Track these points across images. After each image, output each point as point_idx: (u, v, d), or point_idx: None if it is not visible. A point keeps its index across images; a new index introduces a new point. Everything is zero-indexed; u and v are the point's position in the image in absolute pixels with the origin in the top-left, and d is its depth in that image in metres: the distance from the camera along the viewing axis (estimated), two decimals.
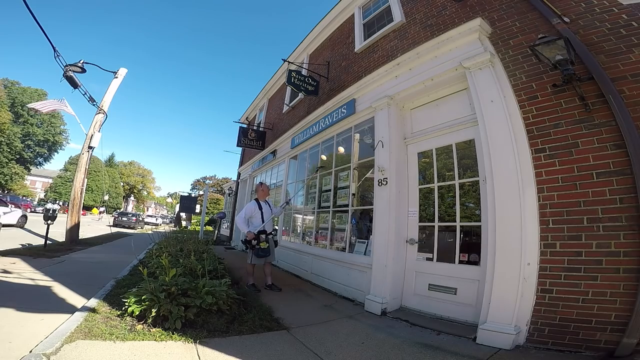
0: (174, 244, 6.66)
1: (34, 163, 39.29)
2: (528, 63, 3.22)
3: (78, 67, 8.23)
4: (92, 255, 7.03)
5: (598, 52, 2.82)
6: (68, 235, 8.46)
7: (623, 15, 2.82)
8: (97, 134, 9.15)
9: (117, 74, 9.82)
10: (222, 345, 2.66)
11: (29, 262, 5.24)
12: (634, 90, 2.59)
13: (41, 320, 2.77)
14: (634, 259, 2.39)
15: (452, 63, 3.82)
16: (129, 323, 2.88)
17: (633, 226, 2.42)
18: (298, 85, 6.92)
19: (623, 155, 2.53)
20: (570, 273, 2.62)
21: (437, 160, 4.12)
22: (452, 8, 4.35)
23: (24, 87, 35.85)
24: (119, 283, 4.33)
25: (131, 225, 22.17)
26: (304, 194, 7.25)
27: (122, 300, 3.19)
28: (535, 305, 2.74)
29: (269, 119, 11.45)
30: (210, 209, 37.28)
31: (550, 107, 2.98)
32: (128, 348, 2.42)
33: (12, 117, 31.78)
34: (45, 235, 7.33)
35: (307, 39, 8.54)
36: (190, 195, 26.90)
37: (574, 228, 2.66)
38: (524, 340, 2.73)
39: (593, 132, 2.71)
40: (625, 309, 2.36)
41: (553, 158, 2.88)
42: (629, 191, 2.47)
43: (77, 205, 8.78)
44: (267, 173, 10.48)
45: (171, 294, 3.05)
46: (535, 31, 3.25)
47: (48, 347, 2.26)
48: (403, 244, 4.19)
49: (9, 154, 32.84)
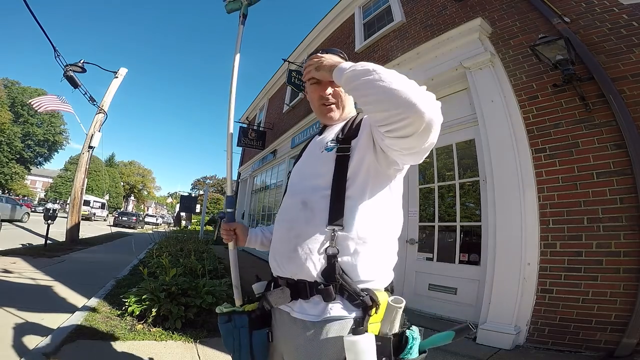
0: (174, 243, 6.67)
1: (34, 163, 39.30)
2: (528, 63, 3.22)
3: (78, 67, 8.23)
4: (93, 255, 7.03)
5: (598, 52, 2.82)
6: (68, 235, 8.46)
7: (623, 15, 2.82)
8: (98, 133, 9.15)
9: (117, 74, 9.82)
10: (222, 344, 2.66)
11: (29, 262, 5.24)
12: (635, 90, 2.58)
13: (41, 320, 2.77)
14: (634, 259, 2.39)
15: (453, 63, 3.82)
16: (129, 323, 2.88)
17: (633, 226, 2.42)
18: (298, 85, 6.92)
19: (623, 155, 2.53)
20: (570, 273, 2.62)
21: (437, 160, 4.12)
22: (453, 8, 4.34)
23: (24, 87, 35.84)
24: (119, 283, 4.33)
25: (131, 225, 22.17)
26: None
27: (122, 300, 3.19)
28: (535, 305, 2.74)
29: (269, 118, 11.45)
30: (210, 209, 37.29)
31: (550, 107, 2.97)
32: (128, 348, 2.42)
33: (12, 117, 31.79)
34: (45, 235, 7.34)
35: (308, 38, 8.54)
36: (191, 195, 26.89)
37: (574, 228, 2.66)
38: (524, 340, 2.73)
39: (593, 132, 2.71)
40: (626, 309, 2.36)
41: (553, 158, 2.88)
42: (629, 191, 2.47)
43: (78, 205, 8.78)
44: (267, 173, 10.49)
45: (171, 294, 3.05)
46: (536, 31, 3.25)
47: (48, 346, 2.26)
48: (403, 243, 4.19)
49: (9, 153, 32.85)
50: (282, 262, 0.87)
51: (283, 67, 9.70)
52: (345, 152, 0.86)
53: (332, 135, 0.95)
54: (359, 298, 0.76)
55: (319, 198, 0.84)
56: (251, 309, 0.98)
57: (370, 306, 0.75)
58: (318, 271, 0.80)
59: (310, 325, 0.79)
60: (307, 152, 1.03)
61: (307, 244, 0.82)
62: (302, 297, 0.82)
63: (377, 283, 0.82)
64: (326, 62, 0.87)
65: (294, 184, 0.98)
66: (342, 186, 0.82)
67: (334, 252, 0.79)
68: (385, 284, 0.85)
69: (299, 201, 0.89)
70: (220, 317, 1.00)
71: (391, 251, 0.88)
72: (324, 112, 1.01)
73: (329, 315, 0.77)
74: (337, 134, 0.93)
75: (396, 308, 0.77)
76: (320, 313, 0.78)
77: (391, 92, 0.64)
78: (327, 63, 0.87)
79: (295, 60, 8.72)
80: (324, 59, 0.89)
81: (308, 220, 0.83)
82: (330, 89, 0.97)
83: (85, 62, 8.37)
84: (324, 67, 0.87)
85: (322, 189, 0.85)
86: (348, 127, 0.94)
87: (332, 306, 0.77)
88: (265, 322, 0.94)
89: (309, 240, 0.82)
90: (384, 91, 0.64)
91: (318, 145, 0.96)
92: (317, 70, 0.89)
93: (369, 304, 0.75)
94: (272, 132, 10.46)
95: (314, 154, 0.97)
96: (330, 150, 0.89)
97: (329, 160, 0.88)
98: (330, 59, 0.88)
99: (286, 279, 0.86)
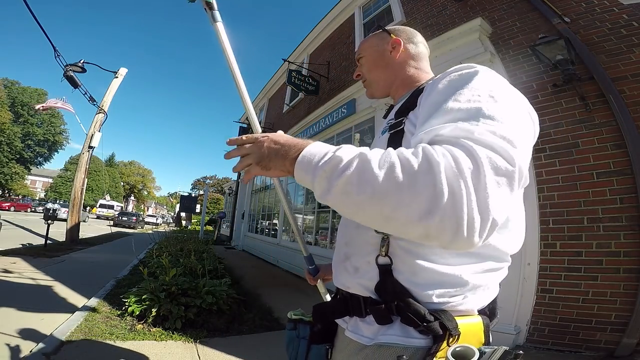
0: (174, 243, 6.67)
1: (34, 163, 39.31)
2: (528, 63, 3.22)
3: (78, 67, 8.23)
4: (93, 254, 7.03)
5: (598, 52, 2.82)
6: (68, 235, 8.46)
7: (624, 15, 2.82)
8: (98, 133, 9.15)
9: (117, 74, 9.82)
10: (222, 344, 2.66)
11: (29, 262, 5.24)
12: (635, 90, 2.58)
13: (41, 320, 2.77)
14: (634, 259, 2.39)
15: (453, 63, 3.78)
16: (129, 323, 2.88)
17: (633, 226, 2.42)
18: (298, 85, 6.93)
19: (623, 155, 2.53)
20: (570, 273, 2.62)
21: None
22: (453, 8, 4.35)
23: (24, 87, 35.86)
24: (119, 283, 4.34)
25: (131, 225, 22.16)
26: (304, 194, 7.26)
27: (122, 300, 3.19)
28: (535, 305, 2.74)
29: (269, 118, 11.45)
30: (210, 209, 37.32)
31: (550, 107, 2.97)
32: (128, 348, 2.42)
33: (12, 117, 31.79)
34: (45, 235, 7.33)
35: (308, 38, 8.55)
36: (191, 195, 26.89)
37: (574, 228, 2.66)
38: (524, 340, 2.73)
39: (593, 132, 2.71)
40: (626, 309, 2.36)
41: (553, 158, 2.88)
42: (629, 191, 2.47)
43: (78, 205, 8.78)
44: None
45: (171, 294, 3.05)
46: (536, 31, 3.25)
47: (48, 346, 2.26)
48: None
49: (9, 153, 32.85)
50: (336, 272, 0.74)
51: (283, 67, 9.70)
52: (398, 126, 0.66)
53: (392, 114, 0.76)
54: (423, 324, 0.55)
55: None
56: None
57: (442, 335, 0.54)
58: (371, 286, 0.63)
59: (363, 349, 0.63)
60: (374, 140, 0.85)
61: (356, 252, 0.67)
62: (357, 314, 0.66)
63: (460, 304, 0.59)
64: (270, 150, 0.56)
65: None
66: None
67: (386, 262, 0.61)
68: (479, 304, 0.62)
69: None
70: (288, 322, 0.93)
71: (489, 260, 0.63)
72: (366, 92, 0.86)
73: (381, 341, 0.60)
74: (397, 110, 0.73)
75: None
76: (373, 336, 0.62)
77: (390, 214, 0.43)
78: (272, 151, 0.56)
79: (295, 60, 8.72)
80: (263, 142, 0.58)
81: (358, 224, 0.66)
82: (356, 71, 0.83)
83: (85, 62, 8.37)
84: (270, 160, 0.56)
85: None
86: (410, 97, 0.72)
87: (386, 329, 0.60)
88: (327, 337, 0.80)
89: (358, 248, 0.67)
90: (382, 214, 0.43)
91: (380, 130, 0.79)
92: (259, 164, 0.58)
93: (438, 332, 0.54)
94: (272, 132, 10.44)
95: (376, 140, 0.80)
96: (384, 133, 0.70)
97: (382, 145, 0.67)
98: (271, 143, 0.57)
99: (342, 292, 0.73)
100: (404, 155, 0.44)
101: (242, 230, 12.48)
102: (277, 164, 0.55)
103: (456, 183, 0.40)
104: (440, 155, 0.42)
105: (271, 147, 0.56)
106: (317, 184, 0.48)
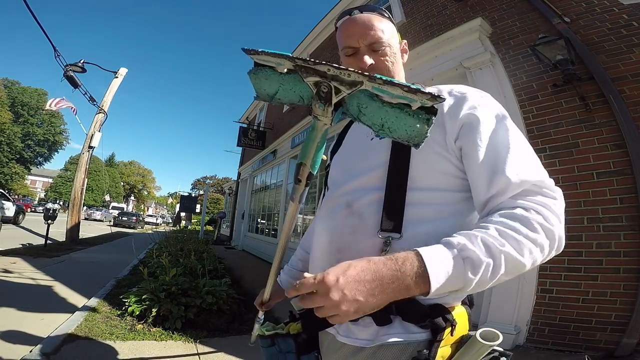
0: (174, 243, 6.66)
1: (34, 163, 39.33)
2: (528, 63, 3.21)
3: (78, 67, 8.23)
4: (93, 255, 7.04)
5: (598, 52, 2.81)
6: (68, 235, 8.46)
7: (624, 15, 2.81)
8: (98, 133, 9.16)
9: (117, 74, 9.82)
10: (222, 344, 2.66)
11: (29, 262, 5.24)
12: (635, 90, 2.58)
13: (41, 320, 2.77)
14: (634, 259, 2.39)
15: (453, 63, 3.82)
16: (129, 323, 2.88)
17: (633, 226, 2.42)
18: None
19: (623, 155, 2.53)
20: (570, 273, 2.62)
21: None
22: (453, 8, 4.35)
23: (24, 87, 35.89)
24: (119, 283, 4.34)
25: (131, 225, 22.17)
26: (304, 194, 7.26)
27: (122, 300, 3.19)
28: (535, 305, 2.74)
29: (270, 118, 11.45)
30: (210, 209, 37.30)
31: (550, 107, 2.97)
32: (128, 348, 2.42)
33: (12, 117, 31.81)
34: (45, 235, 7.34)
35: (308, 38, 8.55)
36: (191, 195, 26.90)
37: (574, 228, 2.66)
38: (523, 341, 2.73)
39: (593, 132, 2.71)
40: (626, 309, 2.36)
41: (553, 158, 2.88)
42: (629, 191, 2.47)
43: (78, 205, 8.78)
44: (268, 173, 10.49)
45: (171, 294, 3.05)
46: (536, 31, 3.24)
47: (48, 346, 2.26)
48: None
49: (9, 153, 32.86)
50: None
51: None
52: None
53: None
54: (426, 319, 0.58)
55: (370, 199, 0.66)
56: (297, 331, 0.81)
57: (444, 327, 0.57)
58: None
59: (360, 351, 0.62)
60: (348, 141, 0.82)
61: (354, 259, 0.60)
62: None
63: (453, 299, 0.62)
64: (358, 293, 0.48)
65: (336, 183, 0.78)
66: (401, 180, 0.64)
67: None
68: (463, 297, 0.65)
69: (342, 205, 0.70)
70: (262, 340, 0.87)
71: None
72: None
73: (383, 340, 0.59)
74: None
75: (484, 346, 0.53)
76: (373, 337, 0.61)
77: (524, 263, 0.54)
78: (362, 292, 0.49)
79: None
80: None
81: (355, 229, 0.66)
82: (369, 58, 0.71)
83: (85, 62, 8.37)
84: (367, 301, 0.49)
85: (374, 188, 0.66)
86: None
87: (387, 329, 0.60)
88: (313, 344, 0.78)
89: (356, 255, 0.58)
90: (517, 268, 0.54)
91: (364, 131, 0.74)
92: (349, 308, 0.48)
93: (441, 325, 0.57)
94: (272, 132, 10.45)
95: (360, 142, 0.76)
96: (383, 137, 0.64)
97: (381, 149, 0.68)
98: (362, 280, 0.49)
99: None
100: (533, 238, 0.56)
101: (242, 230, 12.49)
102: (386, 298, 0.50)
103: (560, 228, 0.61)
104: (549, 217, 0.62)
105: (357, 290, 0.48)
106: (473, 289, 0.53)
